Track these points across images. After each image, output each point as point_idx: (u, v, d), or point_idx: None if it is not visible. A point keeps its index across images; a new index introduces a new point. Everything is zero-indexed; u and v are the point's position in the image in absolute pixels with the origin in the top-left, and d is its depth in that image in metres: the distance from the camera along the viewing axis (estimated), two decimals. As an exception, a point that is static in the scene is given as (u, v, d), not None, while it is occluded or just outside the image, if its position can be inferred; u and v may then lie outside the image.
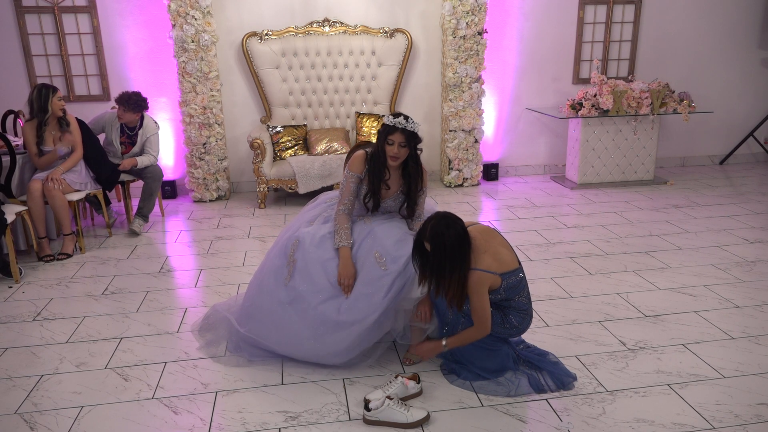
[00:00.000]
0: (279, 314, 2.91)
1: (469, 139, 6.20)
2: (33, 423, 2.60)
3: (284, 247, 3.02)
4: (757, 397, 2.69)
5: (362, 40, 5.99)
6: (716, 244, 4.55)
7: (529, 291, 2.82)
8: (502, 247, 2.74)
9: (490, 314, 2.68)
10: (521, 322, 2.79)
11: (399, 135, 2.88)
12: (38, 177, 4.48)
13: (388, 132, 2.89)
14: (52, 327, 3.45)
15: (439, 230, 2.56)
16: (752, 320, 3.39)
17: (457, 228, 2.58)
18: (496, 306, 2.78)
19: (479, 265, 2.63)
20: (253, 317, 3.05)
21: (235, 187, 6.31)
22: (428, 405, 2.67)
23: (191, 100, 5.69)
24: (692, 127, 6.96)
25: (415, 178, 3.00)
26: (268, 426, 2.56)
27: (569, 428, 2.50)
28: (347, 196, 2.98)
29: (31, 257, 4.50)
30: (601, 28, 6.56)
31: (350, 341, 2.83)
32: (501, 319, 2.77)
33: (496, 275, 2.65)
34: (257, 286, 3.09)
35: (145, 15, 5.76)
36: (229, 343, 3.15)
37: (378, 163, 2.96)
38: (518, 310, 2.77)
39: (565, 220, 5.21)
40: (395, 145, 2.89)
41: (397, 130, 2.87)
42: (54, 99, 4.45)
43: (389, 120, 2.90)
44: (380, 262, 2.85)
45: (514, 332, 2.82)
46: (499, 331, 2.79)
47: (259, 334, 3.00)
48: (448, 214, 2.63)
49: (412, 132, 2.90)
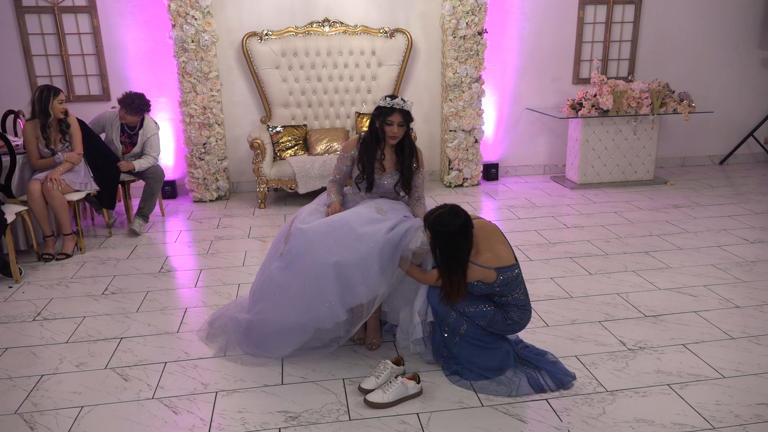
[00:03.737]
0: (279, 278, 2.91)
1: (469, 139, 6.20)
2: (33, 423, 2.60)
3: (284, 229, 3.11)
4: (757, 397, 2.69)
5: (362, 40, 5.99)
6: (716, 244, 4.55)
7: (526, 288, 2.86)
8: (500, 244, 2.79)
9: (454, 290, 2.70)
10: (521, 317, 2.83)
11: (398, 115, 3.05)
12: (37, 177, 4.47)
13: (386, 113, 3.05)
14: (52, 327, 3.45)
15: (444, 221, 2.63)
16: (752, 320, 3.39)
17: (462, 224, 2.63)
18: (496, 305, 2.81)
19: (477, 260, 2.71)
20: (261, 299, 3.04)
21: (235, 187, 6.31)
22: (428, 405, 2.67)
23: (191, 100, 5.69)
24: (692, 127, 6.96)
25: (409, 155, 3.16)
26: (268, 426, 2.56)
27: (569, 428, 2.50)
28: (338, 169, 3.22)
29: (31, 257, 4.50)
30: (601, 28, 6.56)
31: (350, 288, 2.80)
32: (502, 317, 2.80)
33: (492, 270, 2.70)
34: (259, 271, 3.17)
35: (145, 15, 5.76)
36: (234, 337, 3.13)
37: (371, 145, 3.11)
38: (517, 306, 2.81)
39: (565, 220, 5.21)
40: (394, 125, 3.06)
41: (396, 110, 3.04)
42: (55, 102, 4.42)
43: (386, 102, 3.06)
44: (380, 211, 2.98)
45: (516, 327, 2.86)
46: (503, 329, 2.83)
47: (267, 311, 2.97)
48: (457, 209, 2.68)
49: (408, 111, 3.09)
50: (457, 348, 2.85)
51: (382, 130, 3.09)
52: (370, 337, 3.15)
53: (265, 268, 3.11)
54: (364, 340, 3.15)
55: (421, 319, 2.87)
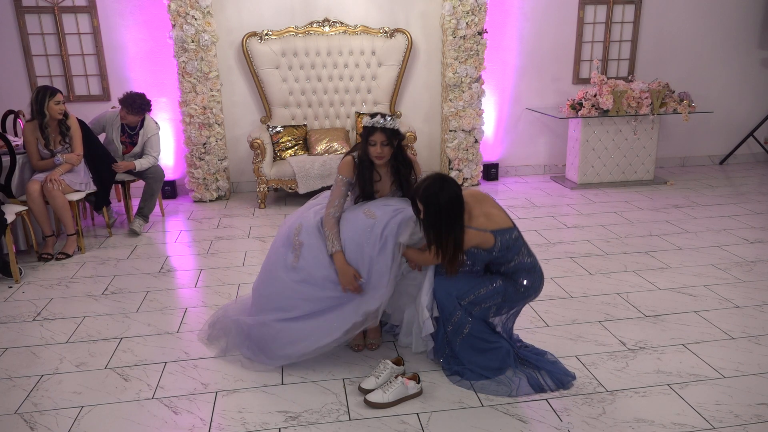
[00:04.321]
0: (291, 290, 2.94)
1: (469, 139, 6.20)
2: (33, 423, 2.60)
3: (288, 234, 3.05)
4: (757, 397, 2.69)
5: (362, 40, 5.99)
6: (716, 244, 4.55)
7: (530, 250, 2.81)
8: (493, 208, 2.76)
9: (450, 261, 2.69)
10: (533, 281, 2.79)
11: (379, 134, 2.90)
12: (37, 178, 4.47)
13: (368, 133, 2.92)
14: (52, 327, 3.45)
15: (433, 191, 2.57)
16: (752, 320, 3.39)
17: (451, 190, 2.58)
18: (505, 276, 2.78)
19: (471, 224, 2.67)
20: (265, 308, 3.04)
21: (235, 187, 6.31)
22: (428, 405, 2.67)
23: (191, 100, 5.69)
24: (692, 127, 6.96)
25: (405, 172, 3.03)
26: (268, 426, 2.56)
27: (569, 428, 2.50)
28: (337, 198, 2.99)
29: (31, 257, 4.50)
30: (601, 28, 6.56)
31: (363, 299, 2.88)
32: (514, 287, 2.77)
33: (488, 233, 2.66)
34: (265, 276, 3.10)
35: (145, 15, 5.76)
36: (236, 340, 3.12)
37: (366, 167, 2.99)
38: (525, 270, 2.77)
39: (565, 220, 5.21)
40: (377, 145, 2.91)
41: (377, 129, 2.90)
42: (51, 103, 4.39)
43: (367, 121, 2.93)
44: (369, 215, 2.91)
45: (531, 293, 2.82)
46: (519, 298, 2.80)
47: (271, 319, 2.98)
48: (444, 177, 2.63)
49: (392, 129, 2.91)
50: (459, 347, 2.84)
51: (365, 150, 2.95)
52: (371, 337, 3.15)
53: (272, 274, 3.05)
54: (362, 347, 3.14)
55: (429, 314, 2.85)
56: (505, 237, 2.69)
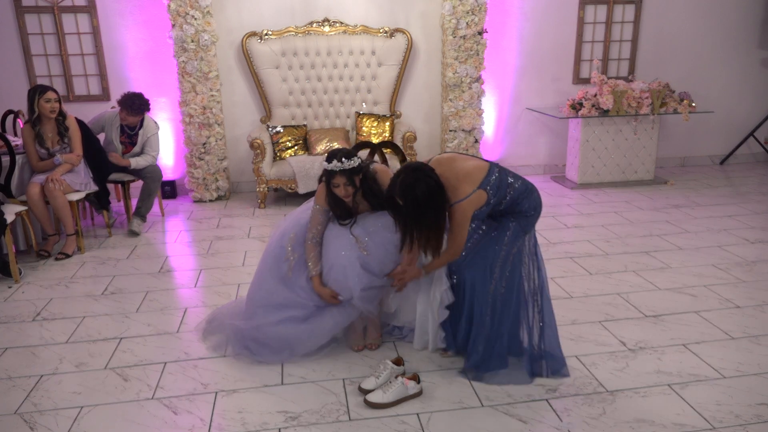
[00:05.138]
0: (284, 297, 3.01)
1: (469, 139, 6.19)
2: (33, 423, 2.60)
3: (281, 241, 3.08)
4: (758, 397, 2.69)
5: (362, 40, 5.99)
6: (716, 244, 4.55)
7: (515, 174, 2.79)
8: (464, 162, 2.71)
9: (465, 240, 2.69)
10: (533, 200, 2.79)
11: (339, 177, 2.85)
12: (36, 180, 4.46)
13: (329, 177, 2.87)
14: (52, 327, 3.44)
15: (408, 183, 2.54)
16: (752, 320, 3.39)
17: (428, 180, 2.55)
18: (511, 215, 2.78)
19: (459, 196, 2.62)
20: (257, 313, 3.06)
21: (235, 187, 6.31)
22: (428, 405, 2.67)
23: (191, 100, 5.68)
24: (692, 127, 6.96)
25: (378, 195, 2.94)
26: (268, 426, 2.55)
27: (569, 428, 2.50)
28: (315, 226, 2.99)
29: (31, 257, 4.50)
30: (601, 28, 6.56)
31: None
32: (524, 219, 2.78)
33: (477, 191, 2.63)
34: (258, 282, 3.12)
35: (145, 15, 5.75)
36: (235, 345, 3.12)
37: (337, 203, 2.96)
38: (523, 197, 2.76)
39: (565, 220, 5.21)
40: (341, 187, 2.87)
41: (336, 173, 2.84)
42: (41, 101, 4.37)
43: (326, 165, 2.86)
44: (361, 246, 2.93)
45: (538, 210, 2.82)
46: (531, 222, 2.80)
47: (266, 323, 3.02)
48: (417, 166, 2.60)
49: (350, 169, 2.84)
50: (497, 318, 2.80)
51: (331, 192, 2.90)
52: (371, 337, 3.15)
53: (266, 283, 3.08)
54: (362, 347, 3.14)
55: (449, 283, 2.85)
56: (491, 180, 2.67)
